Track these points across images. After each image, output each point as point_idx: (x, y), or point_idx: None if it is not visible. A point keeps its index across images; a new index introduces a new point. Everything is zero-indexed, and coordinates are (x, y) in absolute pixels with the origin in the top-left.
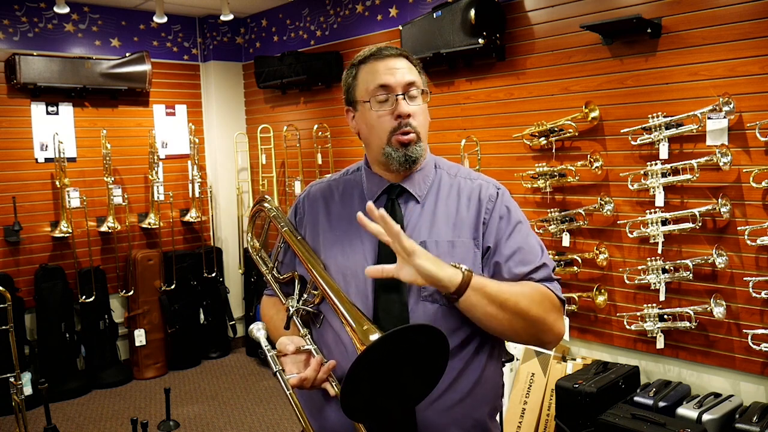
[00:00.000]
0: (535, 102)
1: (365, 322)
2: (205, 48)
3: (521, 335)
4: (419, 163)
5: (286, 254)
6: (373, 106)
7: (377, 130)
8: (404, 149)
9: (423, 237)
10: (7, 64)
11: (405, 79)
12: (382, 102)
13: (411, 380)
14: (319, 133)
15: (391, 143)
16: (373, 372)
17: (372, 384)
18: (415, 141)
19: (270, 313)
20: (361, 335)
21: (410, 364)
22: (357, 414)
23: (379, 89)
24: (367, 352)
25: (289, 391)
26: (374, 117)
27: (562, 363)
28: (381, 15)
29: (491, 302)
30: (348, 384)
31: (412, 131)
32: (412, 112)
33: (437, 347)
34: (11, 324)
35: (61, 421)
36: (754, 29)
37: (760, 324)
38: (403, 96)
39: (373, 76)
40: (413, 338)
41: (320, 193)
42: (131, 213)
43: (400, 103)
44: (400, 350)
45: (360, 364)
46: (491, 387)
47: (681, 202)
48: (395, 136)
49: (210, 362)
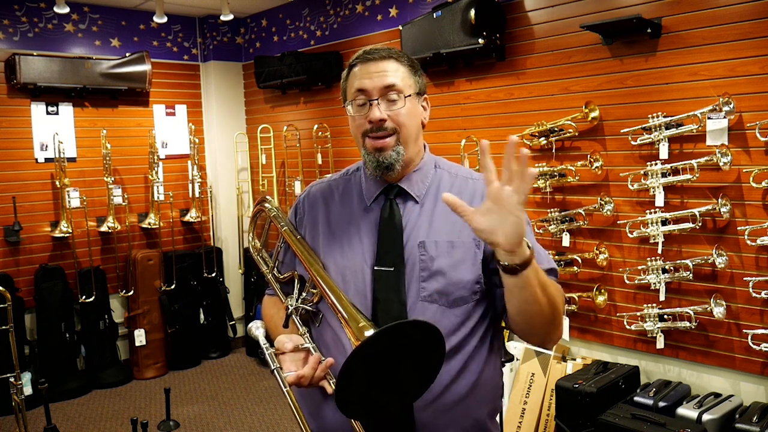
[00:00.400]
0: (535, 102)
1: (361, 319)
2: (205, 48)
3: (539, 328)
4: (395, 169)
5: (286, 254)
6: (353, 110)
7: (355, 132)
8: (377, 153)
9: (421, 237)
10: (7, 64)
11: (383, 82)
12: (360, 106)
13: (407, 377)
14: (319, 133)
15: (365, 146)
16: (368, 367)
17: (367, 379)
18: (391, 146)
19: (270, 312)
20: (356, 331)
21: (406, 360)
22: (351, 410)
23: (357, 93)
24: (362, 346)
25: (286, 388)
26: (353, 120)
27: (562, 363)
28: (381, 15)
29: (539, 284)
30: (343, 379)
31: (387, 135)
32: (390, 116)
33: (433, 344)
34: (11, 324)
35: (61, 421)
36: (754, 29)
37: (760, 324)
38: (377, 101)
39: (355, 80)
40: (408, 334)
41: (320, 193)
42: (131, 213)
43: (373, 109)
44: (396, 346)
45: (355, 359)
46: (491, 387)
47: (681, 202)
48: (367, 139)
49: (210, 362)
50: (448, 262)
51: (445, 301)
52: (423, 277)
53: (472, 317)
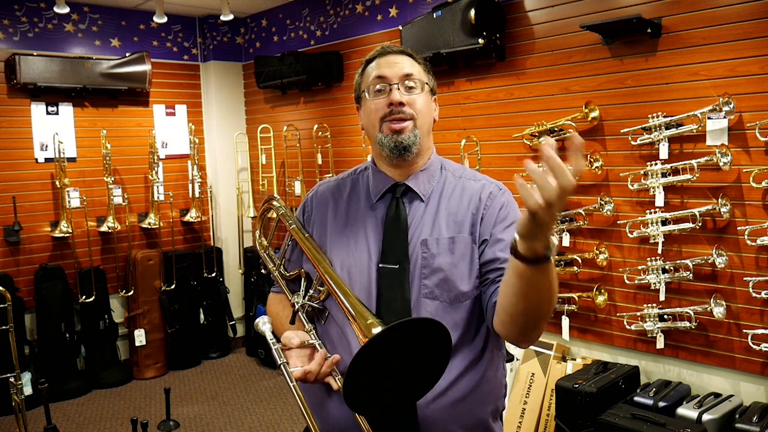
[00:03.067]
0: (535, 102)
1: (369, 316)
2: (205, 48)
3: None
4: (412, 151)
5: (293, 252)
6: (370, 95)
7: (371, 117)
8: (395, 135)
9: (425, 235)
10: (7, 64)
11: (403, 71)
12: (378, 92)
13: (413, 373)
14: (319, 133)
15: (382, 130)
16: (376, 364)
17: (375, 375)
18: (409, 129)
19: (276, 309)
20: (364, 328)
21: (413, 357)
22: (358, 405)
23: (376, 80)
24: (371, 343)
25: (293, 383)
26: (370, 105)
27: (562, 363)
28: (381, 15)
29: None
30: (351, 375)
31: (407, 118)
32: (408, 101)
33: (439, 341)
34: (11, 324)
35: (61, 421)
36: (754, 29)
37: (760, 324)
38: (397, 85)
39: (373, 70)
40: (416, 331)
41: (328, 192)
42: (131, 213)
43: (393, 92)
44: (403, 343)
45: (363, 356)
46: (494, 386)
47: (681, 202)
48: (386, 122)
49: (210, 362)
50: (449, 260)
51: (446, 298)
52: (425, 274)
53: (473, 314)
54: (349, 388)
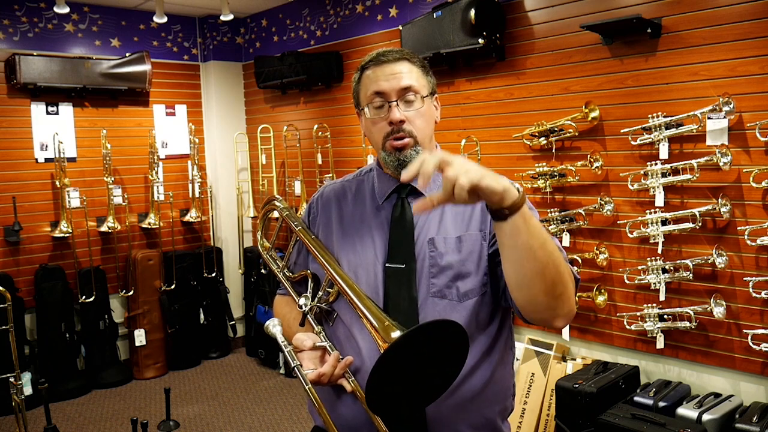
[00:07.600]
0: (535, 102)
1: (385, 319)
2: (205, 48)
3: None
4: None
5: (299, 254)
6: (370, 112)
7: (374, 134)
8: (398, 153)
9: (431, 234)
10: (7, 64)
11: (400, 84)
12: (378, 108)
13: (432, 374)
14: (319, 133)
15: (385, 148)
16: (397, 367)
17: (395, 379)
18: (411, 145)
19: (283, 311)
20: (381, 330)
21: (431, 358)
22: (380, 408)
23: (374, 96)
24: (391, 349)
25: (308, 385)
26: (371, 123)
27: (562, 363)
28: (381, 15)
29: (534, 235)
30: (373, 381)
31: (406, 136)
32: (407, 118)
33: (458, 342)
34: (11, 324)
35: (61, 421)
36: (754, 29)
37: (760, 324)
38: (396, 102)
39: (370, 82)
40: (436, 333)
41: (333, 193)
42: (131, 213)
43: (393, 110)
44: (424, 345)
45: (384, 361)
46: (503, 386)
47: (681, 202)
48: (388, 141)
49: (210, 362)
50: (456, 258)
51: (454, 296)
52: (432, 273)
53: (482, 312)
54: (371, 392)
